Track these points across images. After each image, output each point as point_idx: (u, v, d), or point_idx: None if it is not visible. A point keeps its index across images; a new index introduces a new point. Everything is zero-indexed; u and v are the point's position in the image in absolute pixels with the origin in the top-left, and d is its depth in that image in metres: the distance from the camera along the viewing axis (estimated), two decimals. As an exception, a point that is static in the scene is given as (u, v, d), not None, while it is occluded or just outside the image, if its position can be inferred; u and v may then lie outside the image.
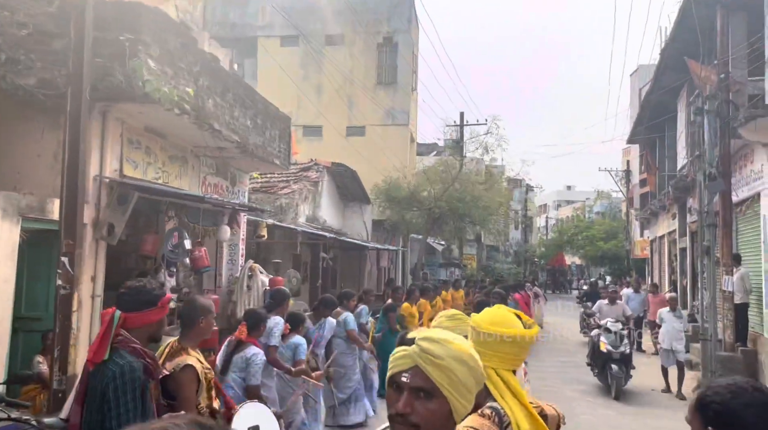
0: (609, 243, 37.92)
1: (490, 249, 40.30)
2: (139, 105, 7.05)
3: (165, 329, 2.84)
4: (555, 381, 10.66)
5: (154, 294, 2.72)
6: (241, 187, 11.68)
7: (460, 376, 1.51)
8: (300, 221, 13.86)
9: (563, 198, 78.94)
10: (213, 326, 3.43)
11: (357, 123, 21.75)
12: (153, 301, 2.70)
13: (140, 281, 2.85)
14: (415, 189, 18.31)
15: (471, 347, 1.60)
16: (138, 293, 2.71)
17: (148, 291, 2.72)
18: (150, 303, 2.69)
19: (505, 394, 2.09)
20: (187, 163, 9.30)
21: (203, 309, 3.36)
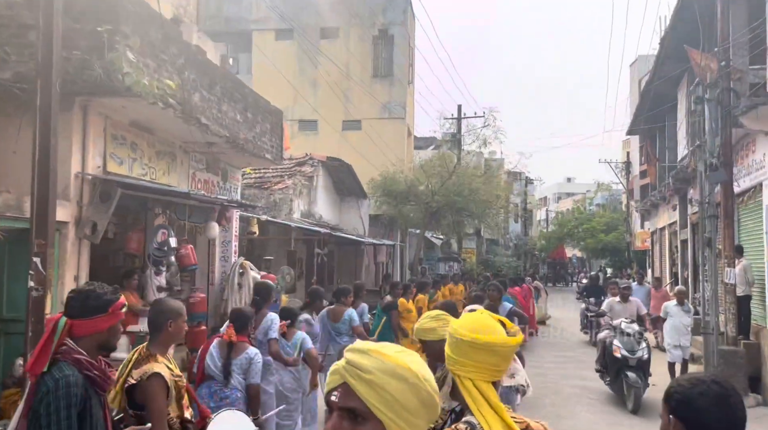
0: (609, 235, 37.69)
1: (490, 243, 40.08)
2: (122, 99, 6.84)
3: (118, 338, 2.62)
4: (554, 378, 10.48)
5: (105, 299, 2.50)
6: (233, 182, 11.47)
7: (396, 394, 1.26)
8: (295, 217, 13.66)
9: (563, 190, 78.69)
10: (184, 330, 3.23)
11: (353, 117, 21.51)
12: (102, 307, 2.48)
13: (91, 285, 2.63)
14: (412, 183, 18.07)
15: (415, 360, 1.32)
16: (86, 298, 2.49)
17: (97, 295, 2.50)
18: (99, 309, 2.47)
19: (483, 407, 1.88)
20: (175, 159, 9.09)
21: (171, 312, 3.15)
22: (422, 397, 1.29)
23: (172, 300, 3.31)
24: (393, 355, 1.31)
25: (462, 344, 1.98)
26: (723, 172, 9.38)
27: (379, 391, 1.26)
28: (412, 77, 23.38)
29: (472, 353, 1.95)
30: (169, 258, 7.01)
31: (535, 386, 10.31)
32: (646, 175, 23.97)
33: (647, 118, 20.59)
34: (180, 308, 3.21)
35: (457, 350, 1.99)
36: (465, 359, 1.95)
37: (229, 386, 4.41)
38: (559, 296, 31.64)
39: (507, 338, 1.99)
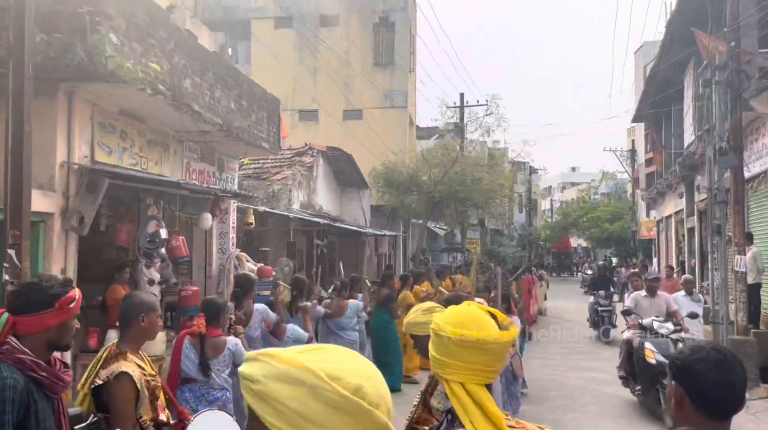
0: (615, 224, 37.37)
1: (494, 233, 39.77)
2: (108, 85, 6.58)
3: (71, 335, 2.37)
4: (559, 369, 10.24)
5: (50, 293, 2.25)
6: (230, 173, 11.22)
7: (290, 402, 1.01)
8: (294, 208, 13.42)
9: (568, 180, 78.24)
10: (158, 325, 2.98)
11: (354, 106, 21.19)
12: (48, 301, 2.23)
13: (37, 277, 2.39)
14: (414, 173, 17.77)
15: (319, 358, 1.05)
16: (29, 292, 2.25)
17: (41, 289, 2.25)
18: (45, 304, 2.22)
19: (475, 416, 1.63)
20: (168, 149, 8.84)
21: (143, 306, 2.91)
22: (330, 401, 1.01)
23: (144, 294, 3.07)
24: (287, 356, 1.05)
25: (448, 343, 1.72)
26: (732, 157, 9.08)
27: (271, 402, 1.02)
28: (413, 65, 23.04)
29: (461, 353, 1.70)
30: (159, 250, 6.77)
31: (540, 379, 10.10)
32: (652, 163, 23.64)
33: (653, 105, 20.25)
34: (153, 303, 2.96)
35: (442, 349, 1.73)
36: (453, 360, 1.70)
37: (216, 387, 4.14)
38: (564, 286, 31.37)
39: (500, 333, 1.74)
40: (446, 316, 1.80)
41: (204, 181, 10.05)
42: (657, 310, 8.27)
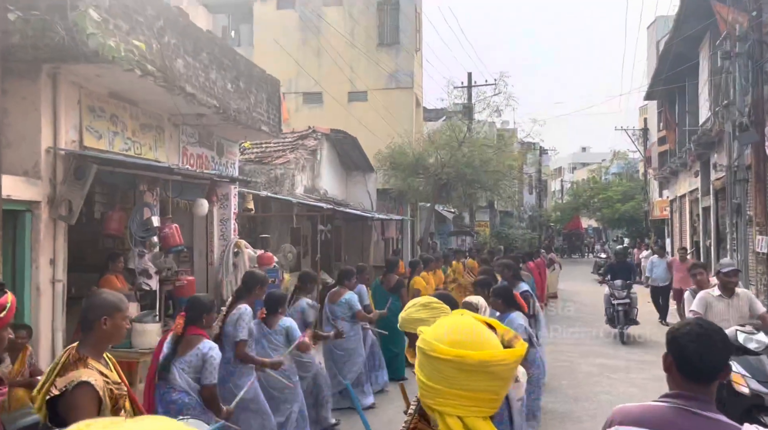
0: (626, 204, 36.77)
1: (504, 215, 39.33)
2: (93, 66, 6.26)
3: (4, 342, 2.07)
4: (571, 355, 9.92)
5: None
6: (230, 157, 10.91)
7: None
8: (297, 193, 13.11)
9: (578, 160, 77.38)
10: (124, 328, 2.67)
11: (359, 88, 20.76)
12: None
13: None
14: (421, 155, 17.37)
15: None
16: None
17: None
18: None
19: None
20: (163, 133, 8.53)
21: (106, 306, 2.60)
22: None
23: (109, 292, 2.75)
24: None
25: (443, 367, 1.39)
26: (754, 133, 8.64)
27: None
28: (419, 45, 22.52)
29: (460, 379, 1.37)
30: (151, 238, 6.49)
31: (550, 366, 9.80)
32: (665, 142, 23.09)
33: (666, 81, 19.67)
34: (116, 303, 2.64)
35: (435, 375, 1.40)
36: (449, 388, 1.37)
37: (177, 387, 3.82)
38: (575, 268, 30.98)
39: (507, 351, 1.40)
40: (437, 332, 1.45)
41: (202, 166, 9.75)
42: (737, 313, 6.07)
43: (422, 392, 1.42)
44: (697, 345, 1.98)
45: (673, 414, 1.96)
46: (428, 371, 1.40)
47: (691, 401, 1.96)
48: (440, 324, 1.49)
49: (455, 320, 1.48)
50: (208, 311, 4.00)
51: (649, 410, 2.03)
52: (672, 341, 2.07)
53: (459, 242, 26.10)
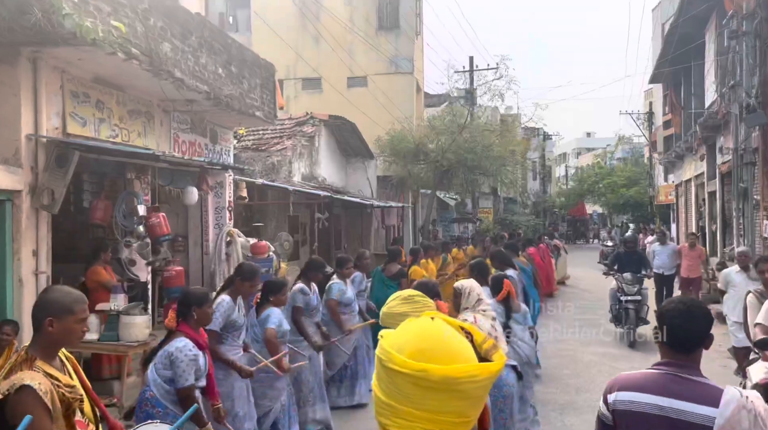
0: (631, 190, 36.47)
1: (508, 201, 39.03)
2: (74, 49, 6.04)
3: None
4: (572, 343, 9.72)
5: None
6: (225, 145, 10.69)
7: None
8: (295, 180, 12.89)
9: (583, 146, 76.80)
10: (76, 331, 2.44)
11: (358, 73, 20.45)
12: None
13: None
14: (421, 141, 17.10)
15: None
16: None
17: None
18: None
19: None
20: (152, 119, 8.31)
21: (53, 307, 2.35)
22: None
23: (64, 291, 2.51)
24: None
25: (401, 381, 1.15)
26: (762, 114, 8.36)
27: None
28: (420, 29, 22.15)
29: (421, 396, 1.15)
30: (137, 228, 6.29)
31: (553, 354, 9.60)
32: (670, 126, 22.73)
33: (671, 64, 19.30)
34: (69, 304, 2.39)
35: (392, 389, 1.17)
36: (408, 407, 1.15)
37: (148, 384, 3.63)
38: (580, 254, 30.74)
39: (480, 366, 1.17)
40: (398, 339, 1.22)
41: (195, 153, 9.54)
42: None
43: (378, 409, 1.19)
44: (681, 320, 2.28)
45: (666, 380, 2.25)
46: (385, 385, 1.17)
47: (680, 368, 2.27)
48: (404, 329, 1.25)
49: (422, 326, 1.24)
50: (200, 305, 3.72)
51: (645, 377, 2.32)
52: (660, 317, 2.38)
53: (461, 229, 25.89)
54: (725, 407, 2.11)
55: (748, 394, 2.18)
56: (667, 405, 2.20)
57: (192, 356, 3.59)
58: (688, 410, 2.16)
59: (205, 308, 3.80)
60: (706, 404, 2.14)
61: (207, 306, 3.83)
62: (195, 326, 3.76)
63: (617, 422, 2.33)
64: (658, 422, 2.20)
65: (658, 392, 2.23)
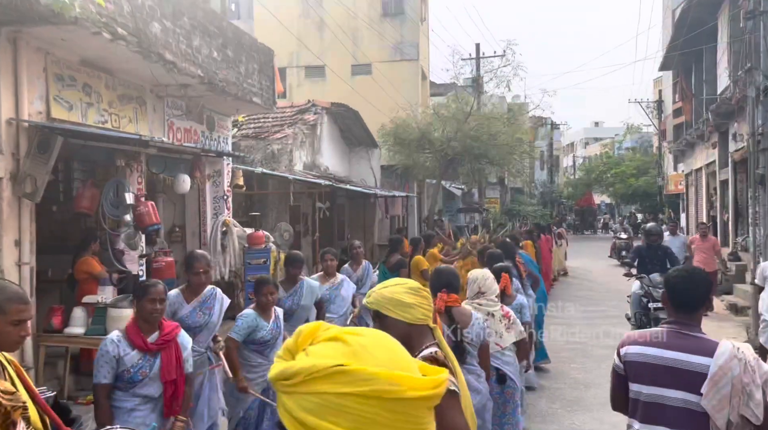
0: (640, 179, 35.97)
1: (515, 191, 38.65)
2: (56, 28, 5.74)
3: None
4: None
5: None
6: (222, 132, 10.40)
7: None
8: (296, 169, 12.59)
9: (591, 135, 76.16)
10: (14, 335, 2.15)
11: (362, 61, 20.07)
12: None
13: None
14: (426, 129, 16.72)
15: None
16: None
17: None
18: None
19: None
20: (144, 105, 8.02)
21: None
22: None
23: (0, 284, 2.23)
24: None
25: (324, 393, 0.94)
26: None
27: None
28: (425, 14, 21.72)
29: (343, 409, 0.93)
30: (123, 217, 6.01)
31: (561, 348, 9.32)
32: (681, 114, 22.27)
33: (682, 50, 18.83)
34: (3, 301, 2.11)
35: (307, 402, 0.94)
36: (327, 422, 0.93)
37: None
38: (587, 244, 30.37)
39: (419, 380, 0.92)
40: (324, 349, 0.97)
41: (190, 140, 9.25)
42: None
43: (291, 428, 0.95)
44: (685, 285, 2.61)
45: (669, 335, 2.57)
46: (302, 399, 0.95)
47: (682, 326, 2.57)
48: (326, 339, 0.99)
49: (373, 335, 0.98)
50: (138, 297, 3.39)
51: (652, 334, 2.64)
52: (666, 282, 2.72)
53: (468, 220, 25.56)
54: (719, 357, 2.41)
55: (740, 346, 2.47)
56: (669, 356, 2.53)
57: (104, 351, 3.26)
58: (687, 360, 2.49)
59: (144, 301, 3.36)
60: (703, 355, 2.46)
61: (147, 299, 3.36)
62: (141, 322, 3.38)
63: (628, 372, 2.64)
64: (662, 370, 2.53)
65: (662, 346, 2.57)
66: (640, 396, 2.57)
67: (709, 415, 2.38)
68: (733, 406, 2.36)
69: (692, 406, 2.44)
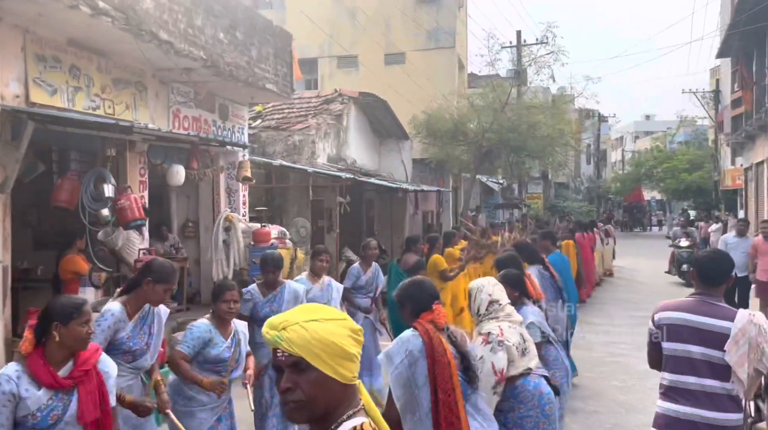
0: (693, 174, 34.00)
1: (559, 187, 37.20)
2: (31, 3, 5.19)
3: None
4: (625, 347, 8.43)
5: None
6: (237, 122, 9.82)
7: None
8: (319, 161, 11.93)
9: (641, 129, 73.35)
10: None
11: (396, 49, 19.27)
12: None
13: None
14: (460, 120, 15.80)
15: None
16: None
17: None
18: None
19: None
20: (145, 91, 7.47)
21: None
22: None
23: None
24: None
25: None
26: None
27: None
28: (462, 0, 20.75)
29: None
30: (101, 211, 5.43)
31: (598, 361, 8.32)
32: (740, 104, 20.67)
33: (743, 35, 17.36)
34: None
35: None
36: None
37: None
38: (636, 242, 28.86)
39: None
40: None
41: (200, 130, 8.68)
42: None
43: None
44: (710, 263, 3.20)
45: (696, 304, 3.13)
46: None
47: (708, 296, 3.13)
48: None
49: None
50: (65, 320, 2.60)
51: (682, 302, 3.20)
52: (696, 262, 3.32)
53: (507, 216, 24.50)
54: (738, 322, 2.96)
55: (755, 313, 3.04)
56: (696, 319, 3.04)
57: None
58: (711, 323, 3.01)
59: (73, 325, 2.61)
60: (725, 319, 2.99)
61: (77, 322, 2.62)
62: (57, 351, 2.61)
63: (661, 334, 3.12)
64: (689, 331, 3.05)
65: (691, 312, 3.07)
66: (671, 352, 3.08)
67: (732, 368, 2.93)
68: (750, 361, 2.93)
69: (713, 359, 2.98)
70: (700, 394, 2.97)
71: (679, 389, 3.02)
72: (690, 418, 2.98)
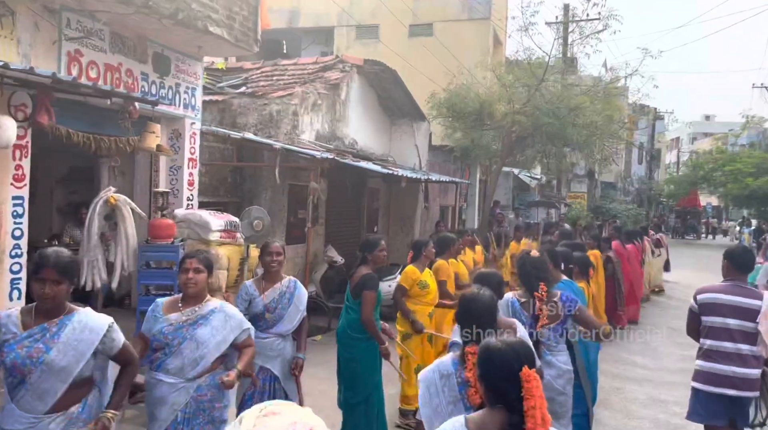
0: (760, 179, 30.45)
1: (606, 186, 34.08)
2: None
3: None
4: (678, 411, 5.94)
5: None
6: (186, 79, 7.72)
7: None
8: (303, 138, 9.75)
9: (700, 130, 68.70)
10: None
11: (423, 20, 16.93)
12: None
13: None
14: (486, 99, 13.33)
15: None
16: None
17: None
18: None
19: None
20: (12, 17, 5.40)
21: None
22: None
23: None
24: None
25: None
26: None
27: None
28: (502, -36, 18.20)
29: None
30: None
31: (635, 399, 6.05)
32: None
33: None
34: None
35: None
36: None
37: None
38: (689, 252, 25.73)
39: None
40: None
41: (118, 83, 6.60)
42: None
43: None
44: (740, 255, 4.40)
45: (729, 287, 4.29)
46: None
47: (740, 281, 4.31)
48: None
49: None
50: None
51: (718, 286, 4.36)
52: (727, 252, 4.46)
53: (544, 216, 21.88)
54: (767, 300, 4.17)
55: None
56: (731, 298, 4.25)
57: None
58: (744, 301, 4.22)
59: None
60: (756, 299, 4.22)
61: None
62: None
63: (701, 311, 4.35)
64: (726, 308, 4.24)
65: (727, 293, 4.29)
66: (711, 323, 4.29)
67: (761, 335, 4.11)
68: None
69: (747, 329, 4.18)
70: (735, 355, 4.18)
71: (719, 352, 4.22)
72: (726, 373, 4.18)
